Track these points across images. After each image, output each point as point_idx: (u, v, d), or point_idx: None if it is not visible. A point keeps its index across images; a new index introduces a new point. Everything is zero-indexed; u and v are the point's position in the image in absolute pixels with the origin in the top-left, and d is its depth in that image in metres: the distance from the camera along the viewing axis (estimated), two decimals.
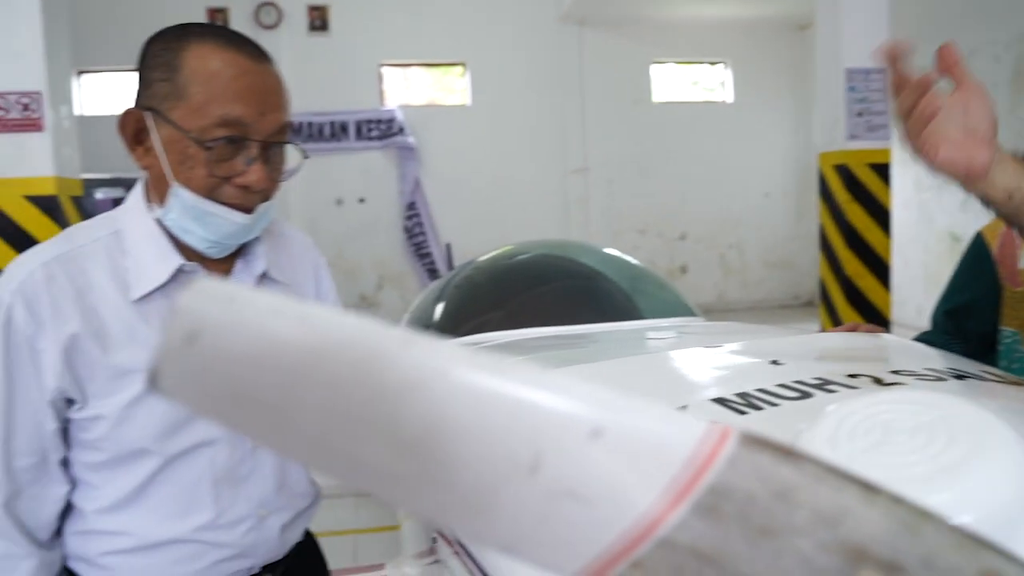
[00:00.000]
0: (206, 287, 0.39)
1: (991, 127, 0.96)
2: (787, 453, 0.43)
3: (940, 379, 1.02)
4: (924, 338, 1.89)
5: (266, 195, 1.07)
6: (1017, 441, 0.65)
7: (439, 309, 2.54)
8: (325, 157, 8.66)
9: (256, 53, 1.05)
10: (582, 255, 2.78)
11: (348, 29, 8.70)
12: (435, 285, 2.96)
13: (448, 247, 5.60)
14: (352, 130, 8.76)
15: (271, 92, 1.05)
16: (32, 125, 3.50)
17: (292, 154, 1.15)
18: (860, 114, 3.90)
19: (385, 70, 9.03)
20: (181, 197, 1.02)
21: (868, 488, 0.42)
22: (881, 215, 4.00)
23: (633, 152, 9.42)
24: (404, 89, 9.25)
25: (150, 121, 1.02)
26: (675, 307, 2.35)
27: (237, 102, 1.00)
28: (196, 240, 1.05)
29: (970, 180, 0.97)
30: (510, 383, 0.40)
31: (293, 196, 8.61)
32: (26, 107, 3.47)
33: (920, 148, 0.97)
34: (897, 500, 0.40)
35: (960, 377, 1.05)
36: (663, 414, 0.41)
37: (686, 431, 0.40)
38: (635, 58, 9.49)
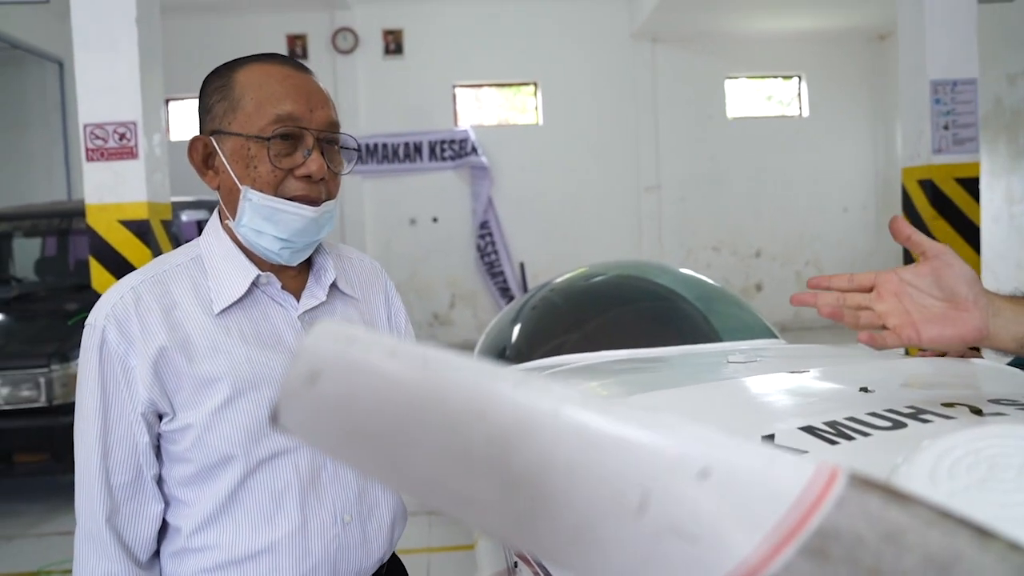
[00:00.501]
0: (328, 328, 0.41)
1: (971, 286, 0.91)
2: (897, 495, 0.43)
3: None
4: (1019, 362, 1.82)
5: (329, 191, 1.14)
6: None
7: (516, 331, 2.56)
8: (399, 178, 8.83)
9: (298, 64, 1.14)
10: (659, 276, 2.76)
11: (422, 52, 8.87)
12: (511, 307, 2.98)
13: (522, 266, 5.62)
14: (426, 151, 8.90)
15: (317, 91, 1.12)
16: (128, 153, 3.67)
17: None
18: (946, 127, 3.78)
19: (458, 91, 9.17)
20: (250, 199, 1.09)
21: (982, 532, 0.41)
22: (970, 231, 3.86)
23: (706, 168, 9.34)
24: (476, 109, 9.36)
25: (214, 142, 1.11)
26: (754, 328, 2.32)
27: (286, 99, 1.08)
28: (269, 242, 1.11)
29: (971, 343, 0.93)
30: (618, 424, 0.41)
31: (369, 217, 8.79)
32: (122, 136, 3.64)
33: (900, 335, 0.91)
34: (1014, 546, 0.40)
35: None
36: (771, 454, 0.41)
37: (795, 472, 0.41)
38: (708, 74, 9.42)
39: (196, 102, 1.19)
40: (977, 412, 0.98)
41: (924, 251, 0.94)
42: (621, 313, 2.46)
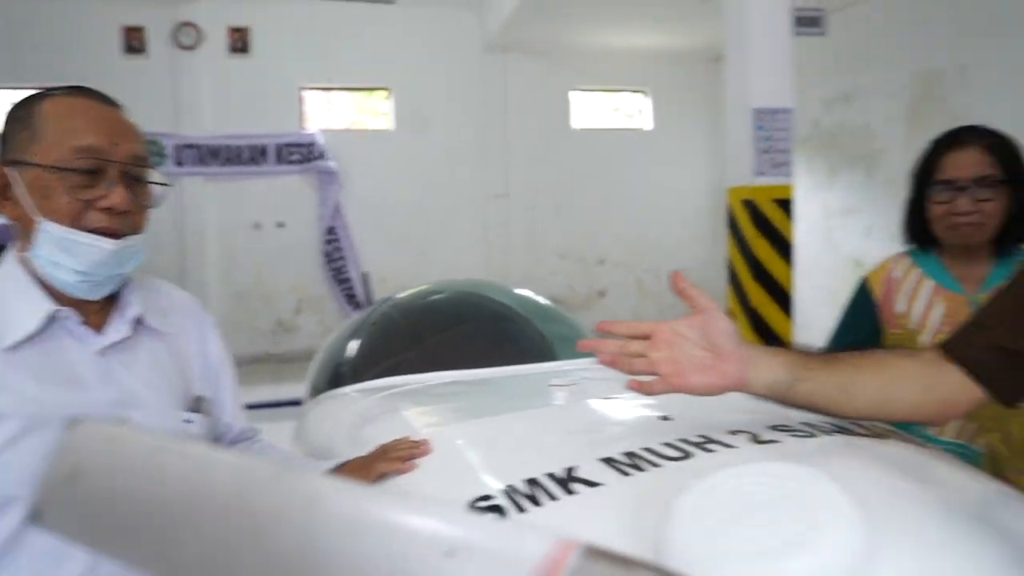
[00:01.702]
0: (88, 427, 0.42)
1: (732, 339, 1.04)
2: (626, 562, 0.48)
3: (811, 435, 1.10)
4: None
5: (135, 225, 1.13)
6: (854, 516, 0.73)
7: (354, 347, 2.55)
8: (244, 181, 8.57)
9: (105, 99, 1.13)
10: (498, 294, 2.83)
11: (269, 52, 8.64)
12: (351, 321, 2.97)
13: (365, 276, 5.57)
14: (272, 153, 8.67)
15: (122, 124, 1.12)
16: None
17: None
18: (766, 151, 4.08)
19: (306, 93, 8.98)
20: (47, 230, 1.07)
21: None
22: (784, 248, 4.18)
23: (554, 178, 9.58)
24: (327, 112, 9.21)
25: (13, 172, 1.08)
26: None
27: (88, 132, 1.07)
28: (66, 274, 1.09)
29: (730, 391, 1.05)
30: (371, 511, 0.44)
31: (211, 220, 8.48)
32: None
33: (669, 380, 1.03)
34: None
35: (832, 432, 1.12)
36: (512, 530, 0.46)
37: (533, 546, 0.45)
38: (557, 85, 9.68)
39: (18, 92, 1.15)
40: (756, 439, 1.08)
41: (695, 305, 1.04)
42: (459, 332, 2.50)
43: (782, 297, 4.19)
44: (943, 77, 6.75)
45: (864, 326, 1.92)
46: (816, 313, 7.18)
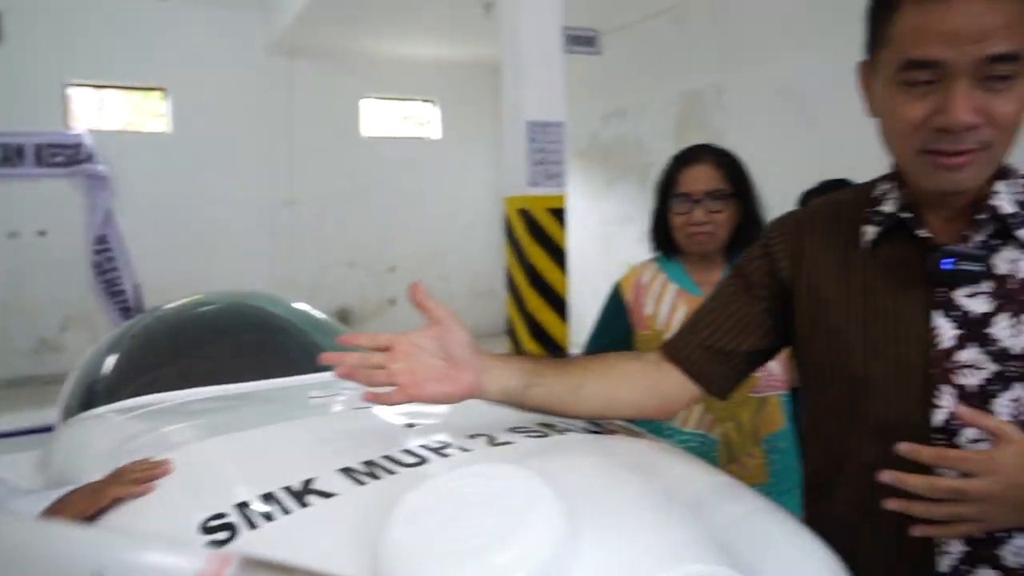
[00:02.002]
0: None
1: (467, 348, 1.10)
2: (284, 569, 0.50)
3: (544, 435, 1.17)
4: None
5: None
6: (556, 507, 0.79)
7: (111, 363, 2.41)
8: None
9: None
10: (273, 306, 2.76)
11: (27, 41, 7.90)
12: (111, 335, 2.79)
13: (137, 288, 5.23)
14: (30, 155, 7.89)
15: None
16: None
17: None
18: (540, 163, 4.26)
19: (72, 90, 8.33)
20: None
21: None
22: (559, 255, 4.37)
23: (343, 185, 9.47)
24: (98, 112, 8.58)
25: None
26: None
27: None
28: None
29: (466, 398, 1.11)
30: (14, 538, 0.43)
31: None
32: None
33: (407, 391, 1.07)
34: None
35: (565, 431, 1.20)
36: (165, 547, 0.47)
37: (188, 561, 0.46)
38: (346, 92, 9.58)
39: None
40: (492, 442, 1.14)
41: (431, 317, 1.08)
42: (226, 345, 2.42)
43: (558, 303, 4.38)
44: (703, 97, 7.34)
45: (617, 328, 2.05)
46: (594, 316, 7.58)
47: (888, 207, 1.09)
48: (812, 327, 1.15)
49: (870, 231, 1.09)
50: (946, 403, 1.00)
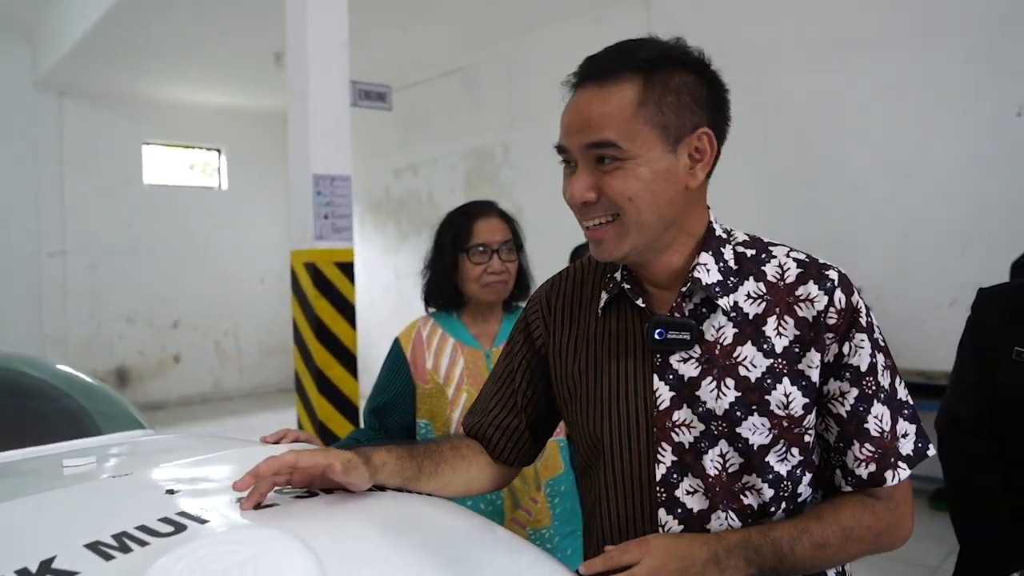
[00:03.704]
0: None
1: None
2: None
3: (312, 494, 1.15)
4: (356, 435, 2.10)
5: None
6: (308, 566, 0.79)
7: None
8: None
9: None
10: (28, 368, 2.54)
11: None
12: None
13: None
14: None
15: None
16: None
17: None
18: (326, 216, 4.22)
19: None
20: None
21: None
22: (347, 310, 4.33)
23: (121, 235, 8.90)
24: None
25: None
26: (123, 421, 2.27)
27: None
28: None
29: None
30: None
31: None
32: None
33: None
34: None
35: (332, 490, 1.19)
36: None
37: None
38: (125, 136, 9.05)
39: None
40: (258, 507, 1.11)
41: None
42: None
43: (348, 358, 4.32)
44: (493, 154, 7.60)
45: (399, 382, 2.07)
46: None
47: (618, 275, 1.19)
48: (560, 390, 1.25)
49: (603, 297, 1.20)
50: (666, 459, 1.10)
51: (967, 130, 4.52)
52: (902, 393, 1.12)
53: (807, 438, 1.09)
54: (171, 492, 1.20)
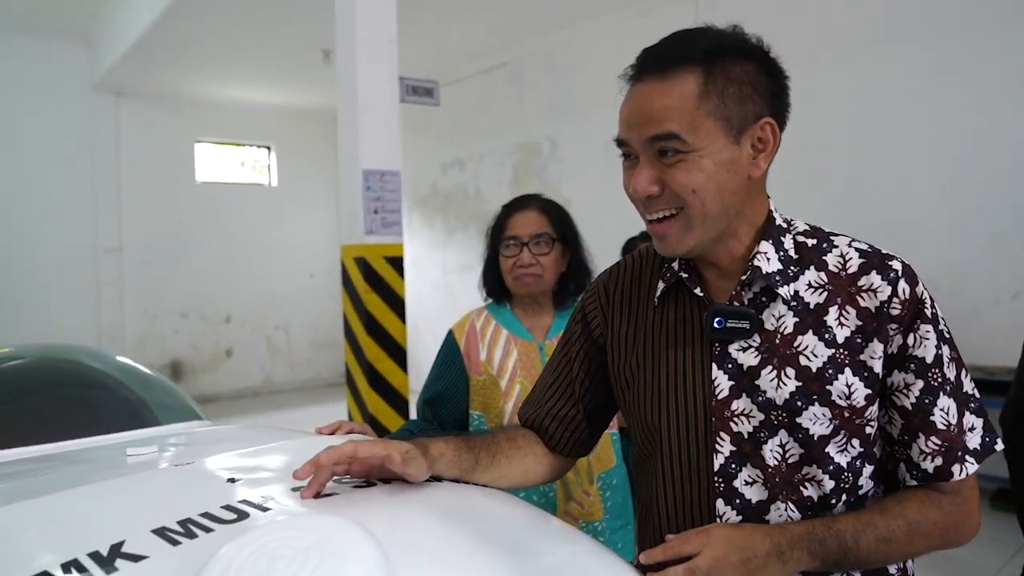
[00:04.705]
0: None
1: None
2: None
3: (370, 484, 1.17)
4: (409, 427, 2.12)
5: None
6: (372, 553, 0.80)
7: None
8: None
9: None
10: (90, 360, 2.61)
11: None
12: None
13: None
14: None
15: None
16: None
17: None
18: (376, 211, 4.26)
19: None
20: None
21: None
22: (397, 304, 4.37)
23: (174, 232, 9.07)
24: None
25: None
26: (181, 412, 2.32)
27: None
28: None
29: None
30: None
31: None
32: None
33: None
34: None
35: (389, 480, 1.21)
36: None
37: None
38: (178, 135, 9.21)
39: None
40: (316, 495, 1.12)
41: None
42: (37, 401, 2.26)
43: (398, 352, 4.36)
44: (539, 149, 7.59)
45: (453, 374, 2.08)
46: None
47: (677, 264, 1.18)
48: (618, 379, 1.24)
49: (660, 287, 1.19)
50: (724, 449, 1.10)
51: None
52: (968, 386, 1.10)
53: (868, 429, 1.08)
54: (232, 481, 1.22)
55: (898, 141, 4.90)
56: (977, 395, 1.10)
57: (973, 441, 1.07)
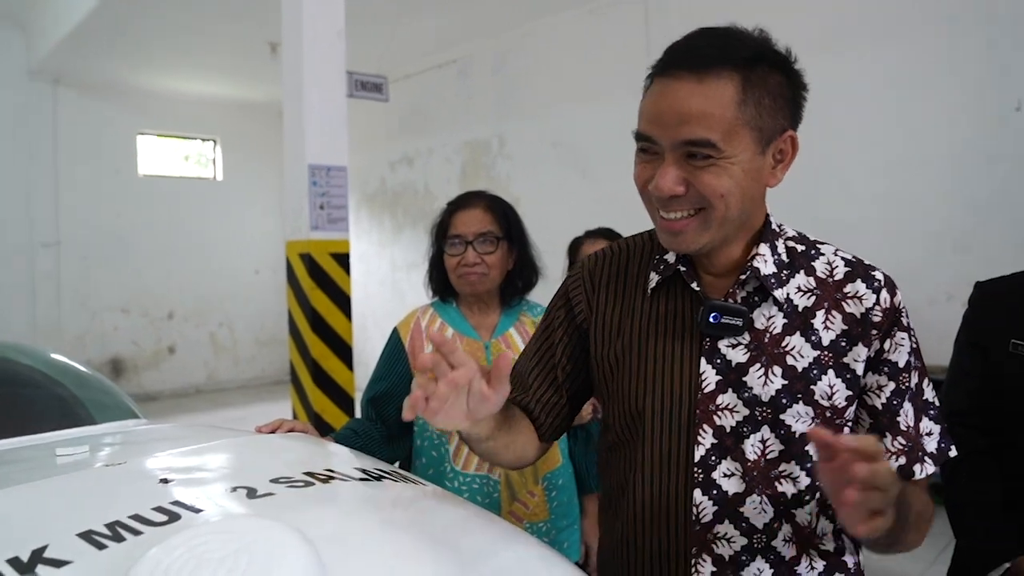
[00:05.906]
0: None
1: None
2: None
3: (308, 485, 1.15)
4: (352, 426, 2.09)
5: None
6: (302, 555, 0.78)
7: None
8: None
9: None
10: (20, 357, 2.52)
11: None
12: None
13: None
14: None
15: None
16: None
17: None
18: (322, 207, 4.21)
19: None
20: None
21: None
22: (343, 300, 4.32)
23: (115, 226, 8.85)
24: None
25: None
26: (118, 411, 2.26)
27: None
28: None
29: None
30: None
31: None
32: None
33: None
34: None
35: (331, 479, 1.19)
36: None
37: None
38: (120, 126, 8.99)
39: None
40: (253, 494, 1.10)
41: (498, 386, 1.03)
42: None
43: (343, 349, 4.31)
44: (488, 146, 7.58)
45: (397, 372, 2.06)
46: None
47: (671, 257, 1.19)
48: (601, 364, 1.25)
49: (654, 278, 1.20)
50: (706, 441, 1.12)
51: (963, 124, 4.51)
52: (929, 395, 1.16)
53: (846, 430, 1.12)
54: (165, 481, 1.19)
55: (837, 144, 4.99)
56: (937, 404, 1.16)
57: (931, 445, 1.12)
